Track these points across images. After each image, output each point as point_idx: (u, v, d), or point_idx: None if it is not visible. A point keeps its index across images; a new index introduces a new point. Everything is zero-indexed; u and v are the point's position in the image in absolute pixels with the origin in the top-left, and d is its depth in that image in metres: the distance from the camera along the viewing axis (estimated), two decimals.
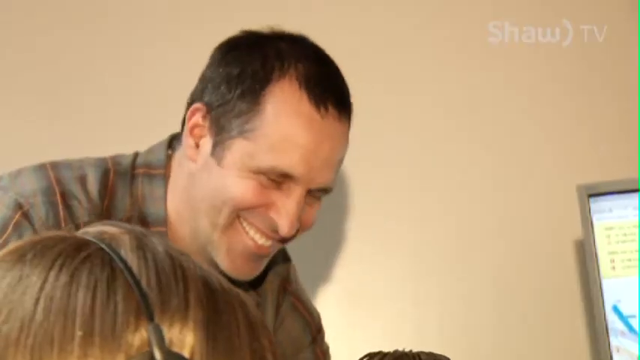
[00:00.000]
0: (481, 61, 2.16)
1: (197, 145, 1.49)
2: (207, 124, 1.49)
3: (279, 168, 1.44)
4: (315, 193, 1.49)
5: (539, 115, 2.18)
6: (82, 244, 0.72)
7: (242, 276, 1.51)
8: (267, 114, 1.45)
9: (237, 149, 1.46)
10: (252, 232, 1.48)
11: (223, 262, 1.48)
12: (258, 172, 1.45)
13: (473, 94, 2.17)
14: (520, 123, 2.17)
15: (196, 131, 1.49)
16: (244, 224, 1.48)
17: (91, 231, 0.74)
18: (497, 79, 2.19)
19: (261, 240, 1.48)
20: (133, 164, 1.55)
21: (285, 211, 1.46)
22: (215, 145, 1.48)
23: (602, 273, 1.93)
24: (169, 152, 1.56)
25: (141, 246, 0.73)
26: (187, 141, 1.50)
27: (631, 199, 1.89)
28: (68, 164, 1.53)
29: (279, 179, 1.45)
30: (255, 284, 1.59)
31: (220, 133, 1.47)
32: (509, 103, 2.18)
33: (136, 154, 1.56)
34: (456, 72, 2.18)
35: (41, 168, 1.51)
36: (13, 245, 0.73)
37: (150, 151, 1.57)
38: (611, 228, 1.92)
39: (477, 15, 2.16)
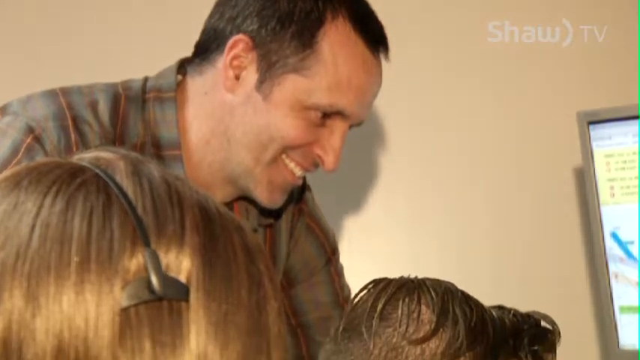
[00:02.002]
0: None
1: (237, 77, 1.50)
2: (251, 57, 1.50)
3: (336, 106, 1.50)
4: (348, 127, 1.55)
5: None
6: (77, 170, 0.72)
7: (275, 205, 1.57)
8: (324, 54, 1.49)
9: (291, 85, 1.49)
10: (291, 166, 1.53)
11: (262, 194, 1.54)
12: (313, 108, 1.49)
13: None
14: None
15: (236, 63, 1.51)
16: (285, 160, 1.52)
17: (86, 157, 0.74)
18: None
19: (299, 172, 1.54)
20: (144, 88, 1.55)
21: (330, 146, 1.52)
22: (262, 81, 1.50)
23: (601, 200, 1.93)
24: (179, 77, 1.56)
25: (136, 172, 0.73)
26: (226, 72, 1.51)
27: (631, 126, 1.89)
28: (78, 89, 1.53)
29: (328, 116, 1.50)
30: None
31: (270, 69, 1.49)
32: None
33: (146, 79, 1.57)
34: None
35: (52, 93, 1.51)
36: (9, 171, 0.73)
37: (160, 75, 1.57)
38: (610, 155, 1.92)
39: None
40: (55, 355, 0.66)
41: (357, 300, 1.21)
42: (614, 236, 1.92)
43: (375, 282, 1.22)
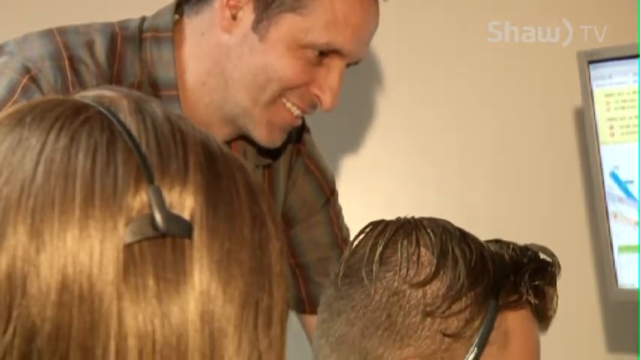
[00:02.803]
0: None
1: (234, 17, 1.49)
2: None
3: (333, 44, 1.49)
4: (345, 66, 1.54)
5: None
6: (80, 107, 0.71)
7: (274, 144, 1.57)
8: None
9: (287, 24, 1.48)
10: (289, 106, 1.52)
11: (261, 135, 1.53)
12: (310, 47, 1.48)
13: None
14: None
15: (233, 2, 1.50)
16: (284, 100, 1.51)
17: (89, 95, 0.73)
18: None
19: (297, 112, 1.53)
20: (141, 28, 1.54)
21: (327, 86, 1.51)
22: (259, 21, 1.49)
23: (601, 140, 1.93)
24: (176, 17, 1.55)
25: (139, 110, 0.72)
26: (222, 12, 1.50)
27: (631, 65, 1.88)
28: (75, 29, 1.52)
29: (325, 54, 1.49)
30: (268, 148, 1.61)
31: (267, 8, 1.48)
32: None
33: (143, 19, 1.56)
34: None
35: (48, 33, 1.50)
36: (11, 109, 0.72)
37: (157, 15, 1.56)
38: (610, 94, 1.92)
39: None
40: (59, 290, 0.66)
41: (355, 244, 1.21)
42: (614, 176, 1.92)
43: (373, 225, 1.22)
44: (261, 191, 0.74)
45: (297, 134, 1.69)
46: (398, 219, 1.22)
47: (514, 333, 1.17)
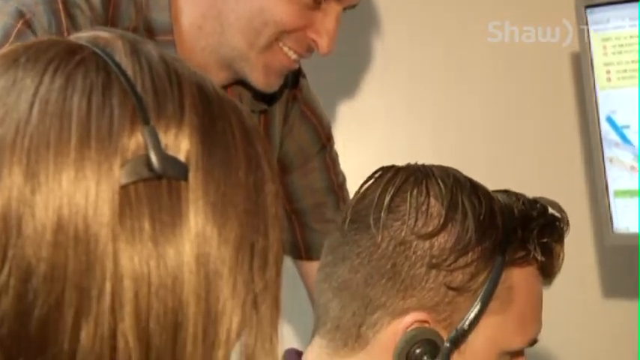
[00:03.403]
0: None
1: None
2: None
3: None
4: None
5: None
6: (75, 48, 0.71)
7: (271, 88, 1.56)
8: None
9: None
10: (286, 50, 1.51)
11: (258, 79, 1.53)
12: None
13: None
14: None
15: None
16: (280, 44, 1.51)
17: (83, 36, 0.73)
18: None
19: (294, 56, 1.52)
20: None
21: (324, 29, 1.50)
22: None
23: (598, 84, 1.92)
24: None
25: (135, 51, 0.72)
26: None
27: (628, 9, 1.87)
28: None
29: None
30: (264, 93, 1.60)
31: None
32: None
33: None
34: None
35: None
36: (5, 50, 0.72)
37: None
38: (607, 39, 1.91)
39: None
40: (54, 231, 0.66)
41: (364, 189, 1.20)
42: (610, 121, 1.92)
43: (383, 170, 1.21)
44: (257, 134, 0.74)
45: (294, 79, 1.68)
46: (408, 165, 1.20)
47: (519, 289, 1.17)
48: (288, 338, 1.80)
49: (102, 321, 0.65)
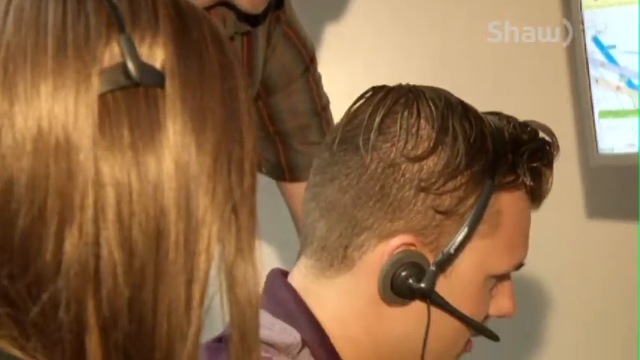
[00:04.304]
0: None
1: None
2: None
3: None
4: None
5: None
6: None
7: (257, 9, 1.55)
8: None
9: None
10: None
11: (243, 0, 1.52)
12: None
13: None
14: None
15: None
16: None
17: None
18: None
19: None
20: None
21: None
22: None
23: (584, 3, 1.90)
24: None
25: None
26: None
27: None
28: None
29: None
30: (247, 15, 1.58)
31: None
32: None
33: None
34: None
35: None
36: None
37: None
38: None
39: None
40: (34, 141, 0.66)
41: (354, 109, 1.19)
42: (596, 40, 1.90)
43: (374, 90, 1.19)
44: (228, 42, 0.74)
45: (277, 1, 1.66)
46: (399, 86, 1.19)
47: (507, 213, 1.16)
48: (270, 261, 1.80)
49: (85, 230, 0.66)
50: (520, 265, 1.21)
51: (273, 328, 1.14)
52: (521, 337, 2.11)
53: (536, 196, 1.19)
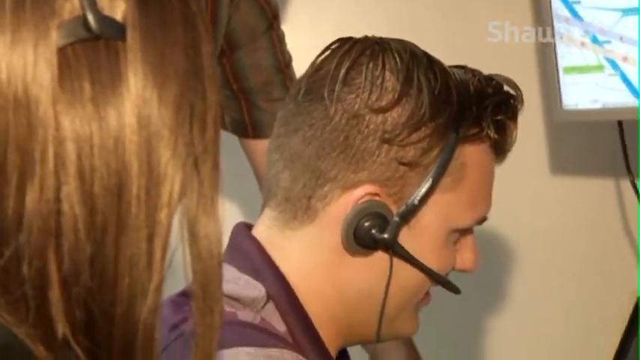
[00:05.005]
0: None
1: None
2: None
3: None
4: None
5: None
6: None
7: None
8: None
9: None
10: None
11: None
12: None
13: None
14: None
15: None
16: None
17: None
18: None
19: None
20: None
21: None
22: None
23: None
24: None
25: None
26: None
27: None
28: None
29: None
30: None
31: None
32: None
33: None
34: None
35: None
36: None
37: None
38: None
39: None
40: None
41: (320, 60, 1.19)
42: None
43: (340, 42, 1.19)
44: None
45: None
46: (365, 38, 1.19)
47: (471, 166, 1.17)
48: (234, 216, 1.79)
49: (46, 184, 0.65)
50: (483, 220, 1.21)
51: (239, 282, 1.14)
52: (484, 291, 2.12)
53: (500, 149, 1.20)
